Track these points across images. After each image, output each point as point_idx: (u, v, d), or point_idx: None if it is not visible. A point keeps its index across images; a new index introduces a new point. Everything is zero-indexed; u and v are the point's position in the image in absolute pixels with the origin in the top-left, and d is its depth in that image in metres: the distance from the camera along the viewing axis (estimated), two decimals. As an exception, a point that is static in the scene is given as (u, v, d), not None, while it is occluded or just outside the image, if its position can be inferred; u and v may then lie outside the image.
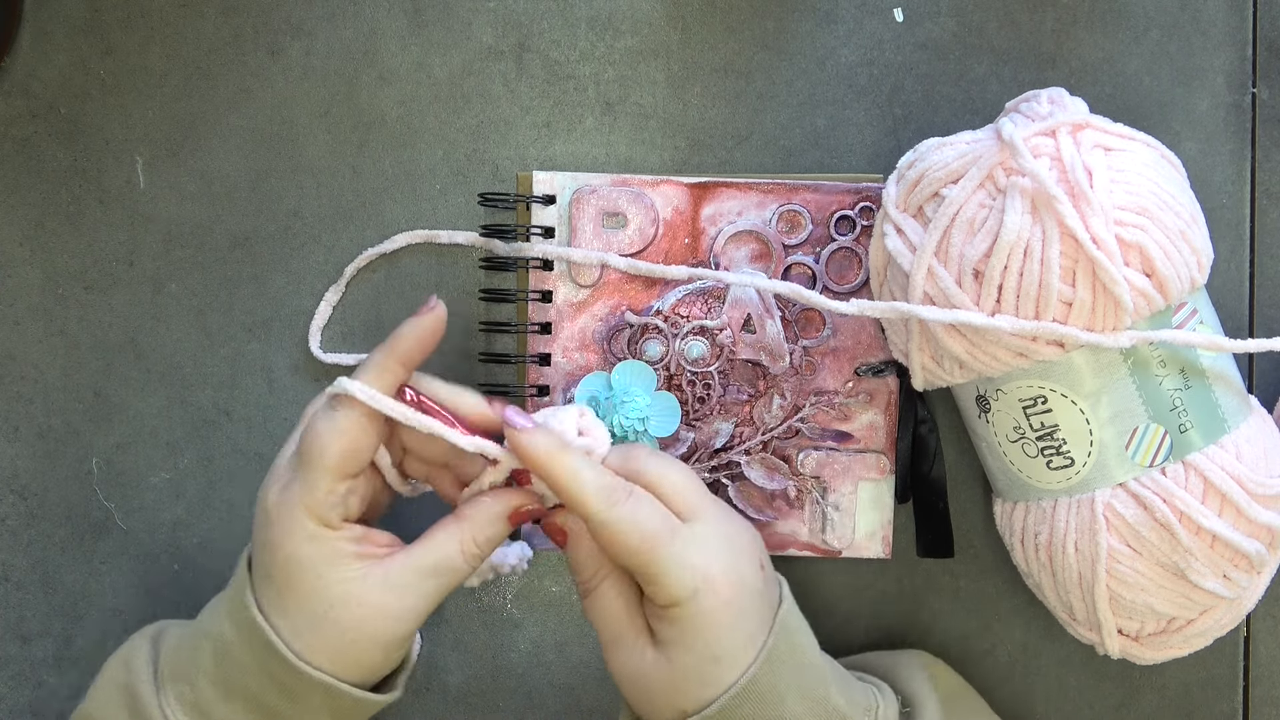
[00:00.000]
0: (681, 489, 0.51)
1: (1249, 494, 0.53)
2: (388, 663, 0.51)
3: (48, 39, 0.61)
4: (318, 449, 0.49)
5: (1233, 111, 0.62)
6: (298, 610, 0.49)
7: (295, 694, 0.49)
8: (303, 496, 0.49)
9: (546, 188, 0.61)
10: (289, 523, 0.49)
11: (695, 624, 0.48)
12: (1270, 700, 0.63)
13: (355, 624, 0.49)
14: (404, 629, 0.50)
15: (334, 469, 0.49)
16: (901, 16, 0.62)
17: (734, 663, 0.49)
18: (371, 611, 0.49)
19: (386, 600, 0.49)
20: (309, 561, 0.49)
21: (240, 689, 0.50)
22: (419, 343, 0.51)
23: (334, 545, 0.49)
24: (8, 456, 0.62)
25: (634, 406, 0.59)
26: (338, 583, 0.49)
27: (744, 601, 0.49)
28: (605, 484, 0.49)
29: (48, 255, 0.62)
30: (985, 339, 0.52)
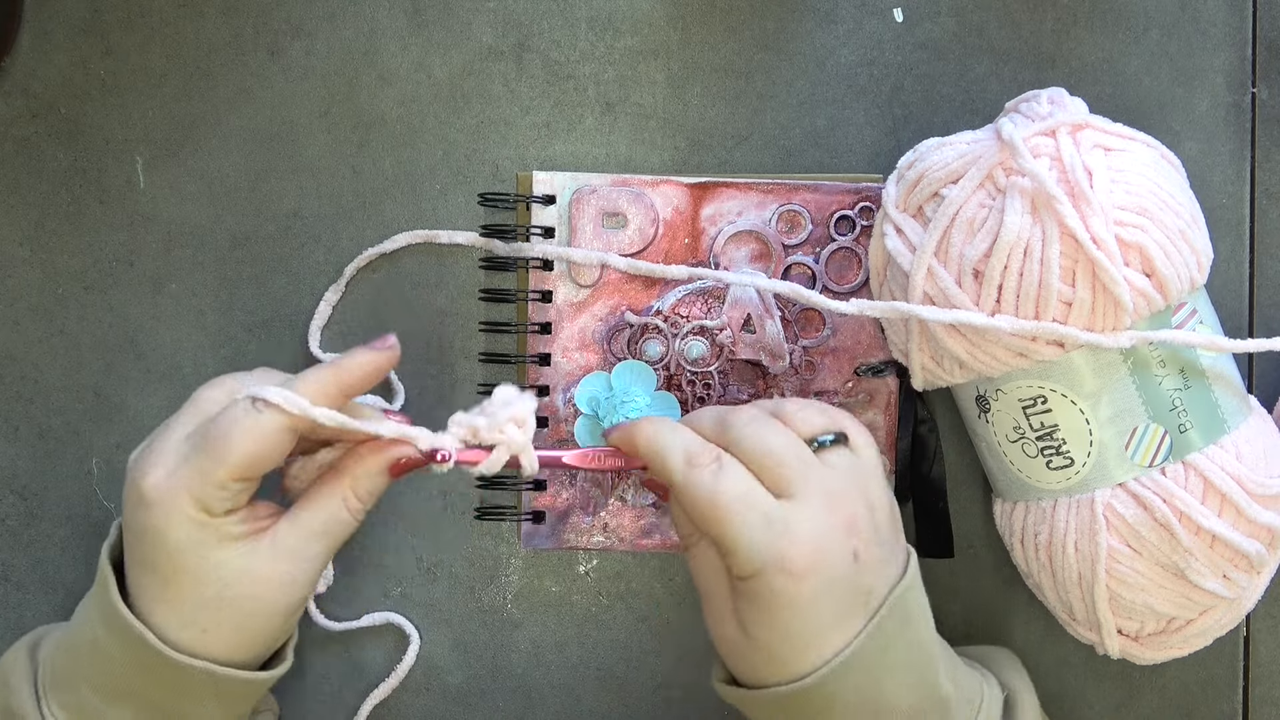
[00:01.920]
0: (780, 461, 0.48)
1: (1249, 494, 0.53)
2: (286, 630, 0.50)
3: (48, 39, 0.61)
4: (227, 446, 0.47)
5: (1232, 111, 0.62)
6: (187, 598, 0.48)
7: (179, 686, 0.48)
8: (192, 485, 0.47)
9: (546, 188, 0.61)
10: (173, 508, 0.47)
11: (767, 602, 0.47)
12: (1270, 700, 0.63)
13: (251, 599, 0.48)
14: (299, 593, 0.49)
15: (238, 468, 0.47)
16: (901, 16, 0.62)
17: (814, 645, 0.47)
18: (265, 584, 0.48)
19: (279, 569, 0.48)
20: (195, 547, 0.47)
21: (123, 690, 0.49)
22: (364, 376, 0.49)
23: (219, 528, 0.48)
24: (8, 456, 0.62)
25: (634, 406, 0.59)
26: (226, 562, 0.48)
27: (823, 583, 0.47)
28: (690, 448, 0.49)
29: (48, 255, 0.62)
30: (985, 339, 0.52)
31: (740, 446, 0.49)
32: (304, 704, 0.62)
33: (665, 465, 0.49)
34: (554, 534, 0.61)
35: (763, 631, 0.48)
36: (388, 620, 0.61)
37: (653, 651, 0.62)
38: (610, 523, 0.61)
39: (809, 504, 0.48)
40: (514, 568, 0.62)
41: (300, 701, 0.62)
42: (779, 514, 0.48)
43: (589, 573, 0.62)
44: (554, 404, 0.61)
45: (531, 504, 0.61)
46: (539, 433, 0.61)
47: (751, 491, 0.48)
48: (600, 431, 0.60)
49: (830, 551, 0.48)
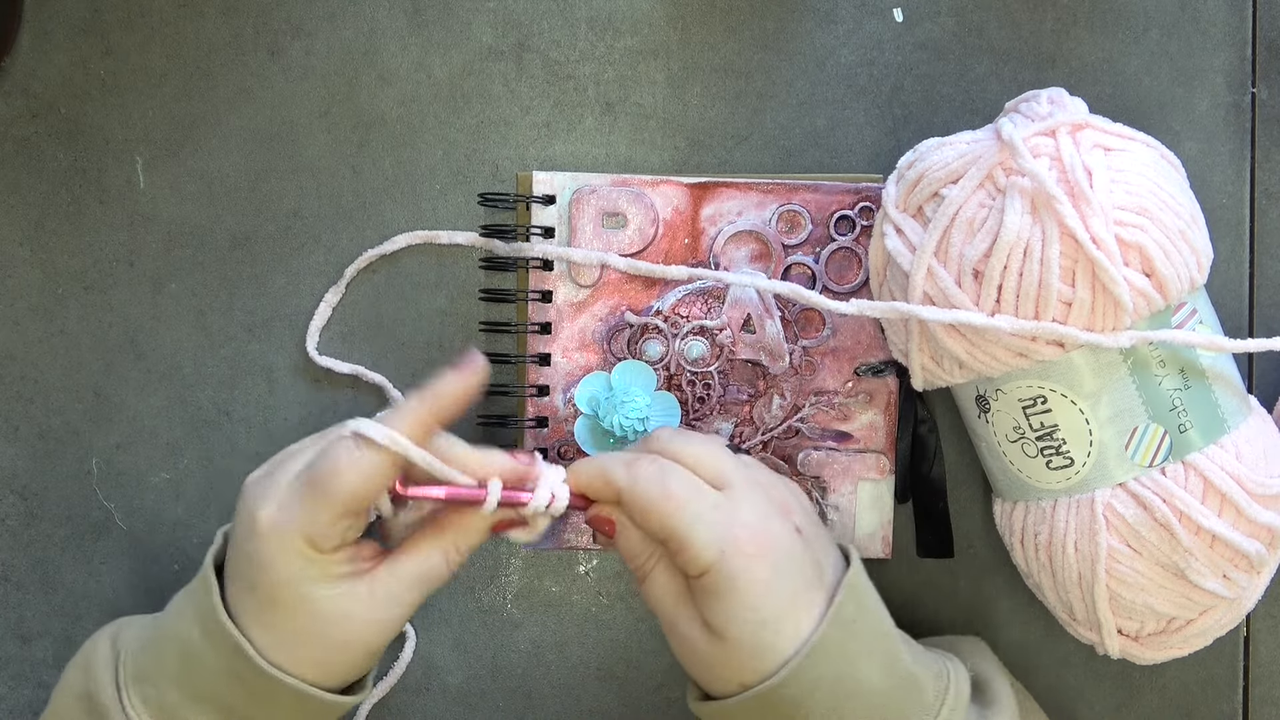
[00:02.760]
0: (705, 460, 0.51)
1: (1249, 494, 0.53)
2: (368, 665, 0.52)
3: (48, 39, 0.61)
4: (335, 485, 0.48)
5: (1232, 111, 0.62)
6: (284, 626, 0.49)
7: (266, 699, 0.49)
8: (304, 524, 0.48)
9: (546, 188, 0.61)
10: (283, 544, 0.48)
11: (731, 587, 0.48)
12: (1270, 700, 0.63)
13: (343, 637, 0.49)
14: (388, 637, 0.50)
15: (345, 506, 0.48)
16: (901, 16, 0.62)
17: (785, 626, 0.48)
18: (358, 625, 0.49)
19: (374, 613, 0.49)
20: (299, 582, 0.49)
21: (209, 694, 0.49)
22: (456, 400, 0.50)
23: (326, 567, 0.49)
24: (8, 456, 0.62)
25: (634, 406, 0.59)
26: (326, 599, 0.49)
27: (778, 559, 0.49)
28: (627, 458, 0.51)
29: (48, 255, 0.62)
30: (985, 339, 0.52)
31: (670, 452, 0.51)
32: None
33: (607, 477, 0.50)
34: (554, 534, 0.61)
35: (733, 625, 0.48)
36: None
37: (653, 651, 0.62)
38: (610, 523, 0.61)
39: (745, 491, 0.50)
40: (514, 568, 0.62)
41: (300, 701, 0.62)
42: (724, 501, 0.50)
43: (589, 573, 0.62)
44: (554, 404, 0.61)
45: (531, 504, 0.61)
46: (539, 433, 0.61)
47: (696, 483, 0.50)
48: (600, 431, 0.60)
49: (775, 530, 0.49)
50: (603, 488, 0.51)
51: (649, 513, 0.49)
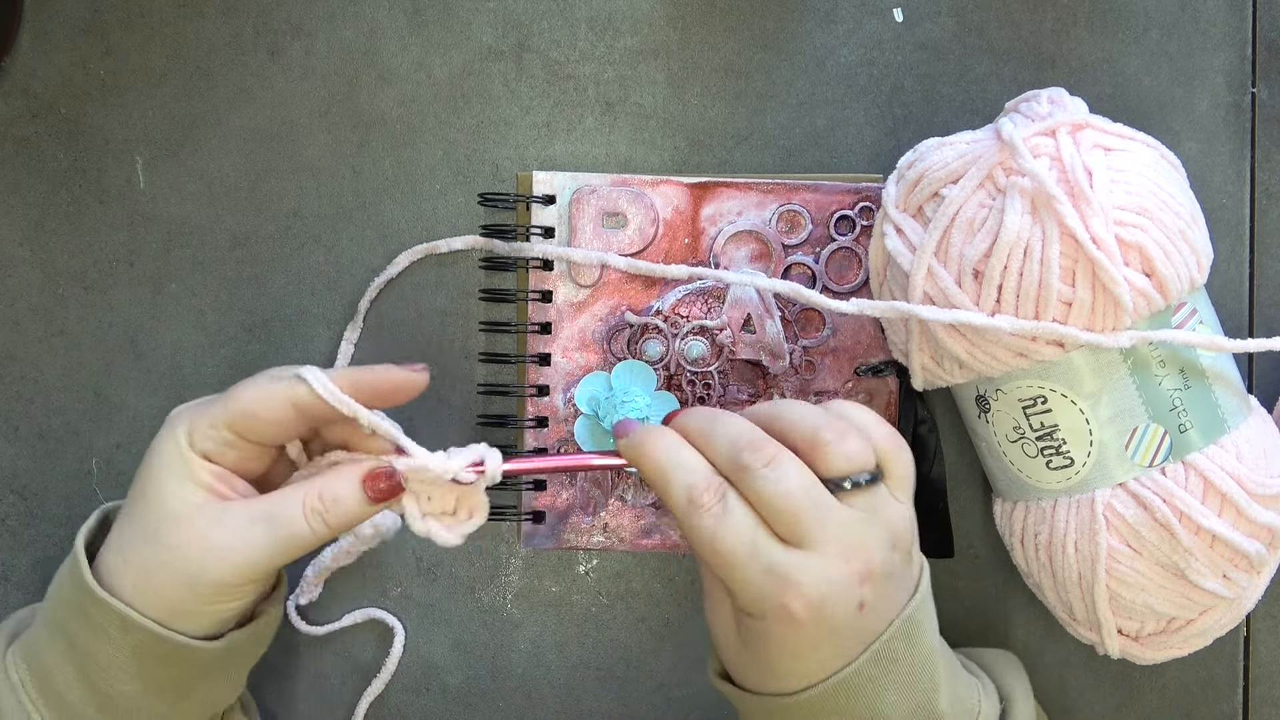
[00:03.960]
0: (795, 511, 0.45)
1: (1249, 494, 0.53)
2: (194, 602, 0.48)
3: (48, 39, 0.61)
4: (235, 394, 0.48)
5: (1232, 111, 0.62)
6: (137, 519, 0.49)
7: (95, 623, 0.48)
8: (193, 415, 0.48)
9: (546, 188, 0.61)
10: (167, 431, 0.49)
11: (764, 641, 0.46)
12: (1270, 700, 0.63)
13: (173, 546, 0.48)
14: (217, 570, 0.47)
15: (232, 413, 0.48)
16: (901, 16, 0.62)
17: (800, 677, 0.46)
18: (191, 538, 0.47)
19: (210, 532, 0.47)
20: (163, 473, 0.48)
21: (59, 623, 0.49)
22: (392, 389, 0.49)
23: (193, 467, 0.48)
24: (8, 456, 0.62)
25: (634, 406, 0.59)
26: (176, 498, 0.48)
27: (823, 635, 0.46)
28: (694, 484, 0.47)
29: (48, 255, 0.62)
30: (985, 339, 0.52)
31: (750, 488, 0.46)
32: (303, 704, 0.62)
33: (668, 497, 0.47)
34: (554, 534, 0.61)
35: (756, 659, 0.47)
36: (370, 616, 0.61)
37: (653, 651, 0.62)
38: (610, 523, 0.61)
39: (821, 556, 0.45)
40: (514, 568, 0.62)
41: (299, 702, 0.62)
42: (783, 566, 0.45)
43: (589, 573, 0.62)
44: (554, 404, 0.61)
45: (532, 504, 0.61)
46: (539, 433, 0.61)
47: (754, 542, 0.45)
48: (600, 432, 0.60)
49: (836, 604, 0.45)
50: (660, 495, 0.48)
51: (698, 550, 0.47)
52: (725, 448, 0.47)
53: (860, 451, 0.47)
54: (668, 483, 0.47)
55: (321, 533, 0.48)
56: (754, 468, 0.46)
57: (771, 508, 0.46)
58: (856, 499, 0.47)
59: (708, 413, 0.49)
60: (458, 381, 0.62)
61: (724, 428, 0.48)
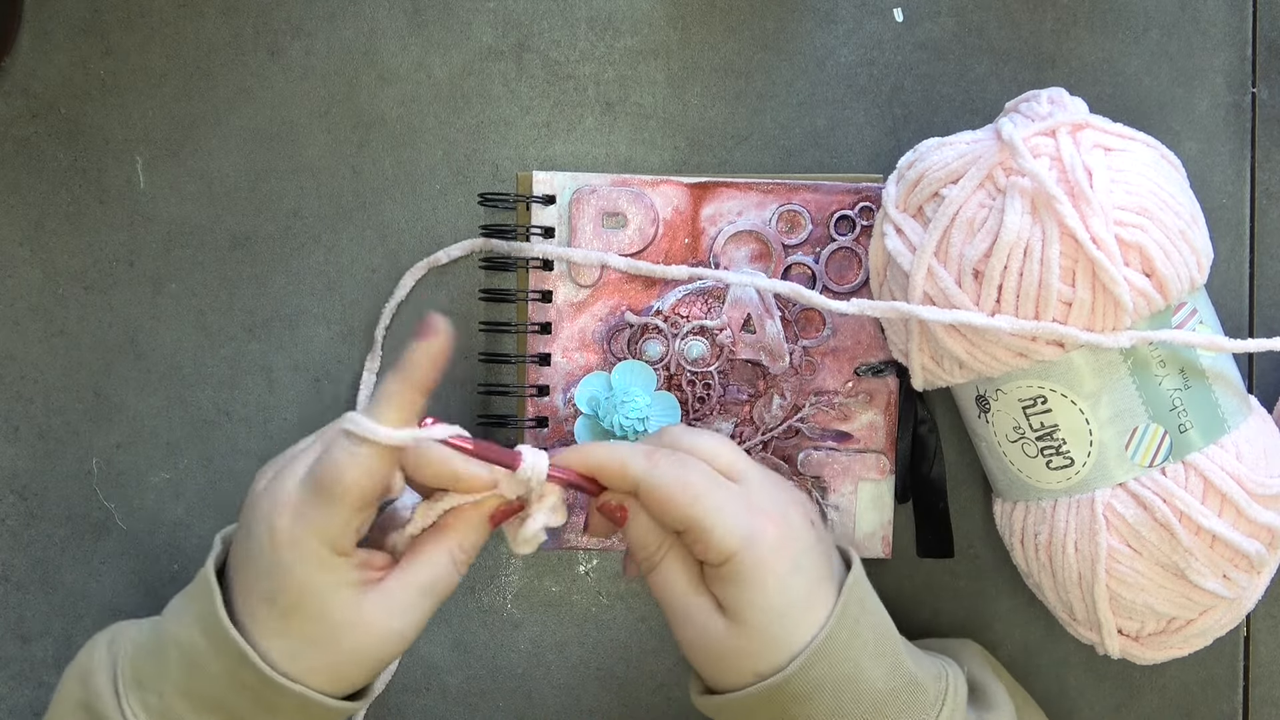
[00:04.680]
0: (720, 454, 0.51)
1: (1249, 494, 0.53)
2: (376, 674, 0.51)
3: (48, 39, 0.61)
4: (341, 485, 0.47)
5: (1233, 111, 0.62)
6: (299, 633, 0.49)
7: (270, 706, 0.49)
8: (321, 529, 0.48)
9: (546, 188, 0.61)
10: (304, 551, 0.48)
11: (753, 576, 0.49)
12: (1270, 700, 0.63)
13: (357, 647, 0.49)
14: (402, 646, 0.50)
15: (355, 503, 0.48)
16: (901, 16, 0.62)
17: (802, 618, 0.49)
18: (374, 634, 0.49)
19: (389, 623, 0.49)
20: (318, 589, 0.48)
21: (211, 700, 0.49)
22: (431, 367, 0.50)
23: (342, 574, 0.49)
24: (8, 456, 0.62)
25: (634, 406, 0.59)
26: (341, 608, 0.48)
27: (797, 549, 0.50)
28: (644, 449, 0.51)
29: (48, 255, 0.62)
30: (985, 339, 0.52)
31: (683, 447, 0.51)
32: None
33: (626, 466, 0.50)
34: (554, 534, 0.61)
35: (755, 614, 0.49)
36: None
37: (653, 651, 0.62)
38: (610, 523, 0.61)
39: (761, 484, 0.51)
40: (514, 568, 0.62)
41: (300, 701, 0.62)
42: (737, 491, 0.50)
43: (589, 573, 0.62)
44: (554, 404, 0.61)
45: (531, 504, 0.61)
46: (538, 433, 0.61)
47: (714, 475, 0.50)
48: (600, 432, 0.60)
49: (794, 520, 0.50)
50: (618, 475, 0.51)
51: (669, 503, 0.49)
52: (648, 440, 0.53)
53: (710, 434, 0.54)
54: (622, 458, 0.50)
55: (464, 572, 0.51)
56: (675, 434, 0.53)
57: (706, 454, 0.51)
58: None
59: None
60: (458, 382, 0.62)
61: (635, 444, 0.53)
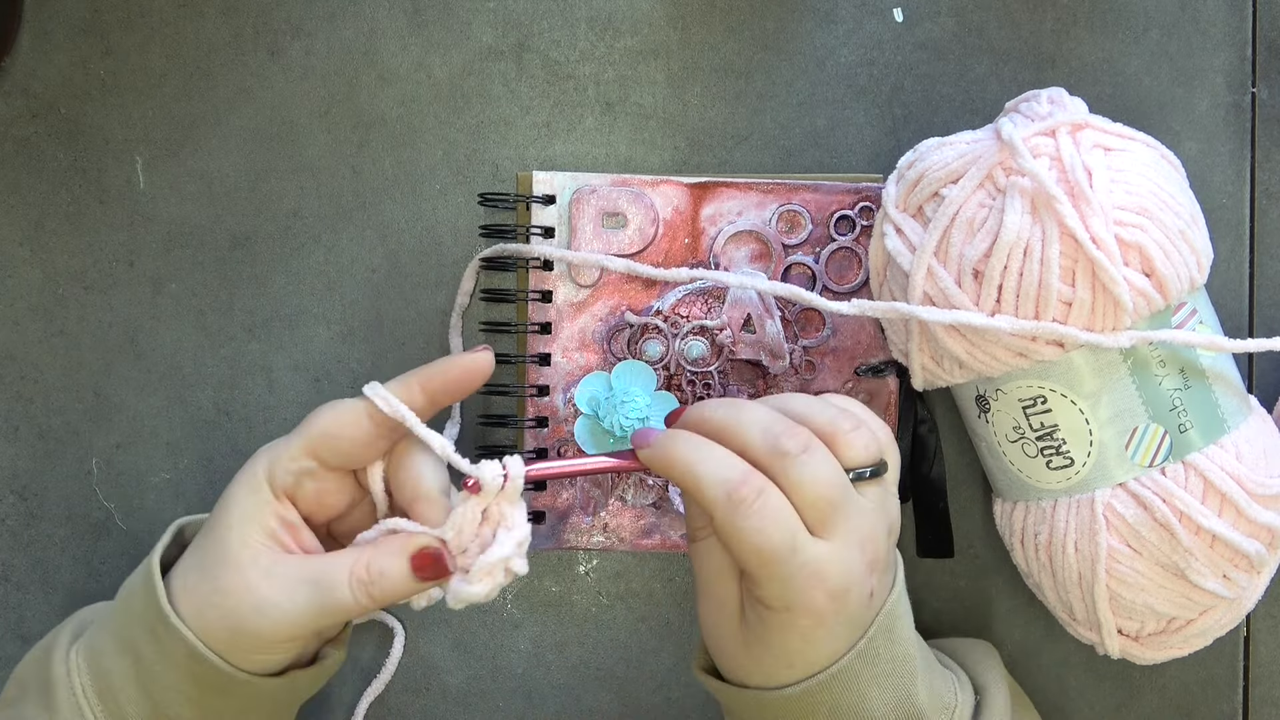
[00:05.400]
0: (824, 502, 0.46)
1: (1249, 494, 0.53)
2: (237, 648, 0.48)
3: (48, 39, 0.61)
4: (310, 420, 0.50)
5: (1232, 111, 0.62)
6: (202, 551, 0.49)
7: (164, 647, 0.48)
8: (275, 454, 0.50)
9: (546, 188, 0.61)
10: (249, 474, 0.50)
11: (782, 631, 0.47)
12: (1270, 700, 0.63)
13: (224, 590, 0.48)
14: (256, 624, 0.48)
15: (312, 439, 0.49)
16: (901, 16, 0.62)
17: (818, 656, 0.47)
18: (241, 586, 0.48)
19: (259, 584, 0.48)
20: (235, 512, 0.49)
21: (128, 639, 0.50)
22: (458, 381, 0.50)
23: (263, 511, 0.49)
24: (8, 456, 0.62)
25: (634, 406, 0.59)
26: (239, 541, 0.49)
27: (839, 624, 0.47)
28: (730, 480, 0.46)
29: (48, 255, 0.62)
30: (985, 339, 0.52)
31: (789, 478, 0.46)
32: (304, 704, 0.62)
33: (704, 498, 0.46)
34: (554, 534, 0.61)
35: (767, 653, 0.48)
36: (370, 617, 0.61)
37: (653, 651, 0.62)
38: (610, 523, 0.61)
39: (844, 546, 0.46)
40: (514, 568, 0.62)
41: (300, 701, 0.62)
42: (815, 557, 0.46)
43: (589, 573, 0.62)
44: (554, 404, 0.61)
45: (531, 504, 0.61)
46: (539, 433, 0.61)
47: (795, 535, 0.46)
48: (600, 431, 0.60)
49: (853, 594, 0.47)
50: (695, 498, 0.47)
51: (739, 552, 0.46)
52: (759, 434, 0.47)
53: (871, 443, 0.48)
54: (701, 484, 0.46)
55: (365, 604, 0.48)
56: (793, 453, 0.46)
57: (808, 497, 0.46)
58: (867, 490, 0.48)
59: (728, 402, 0.49)
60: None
61: (752, 414, 0.48)
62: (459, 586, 0.49)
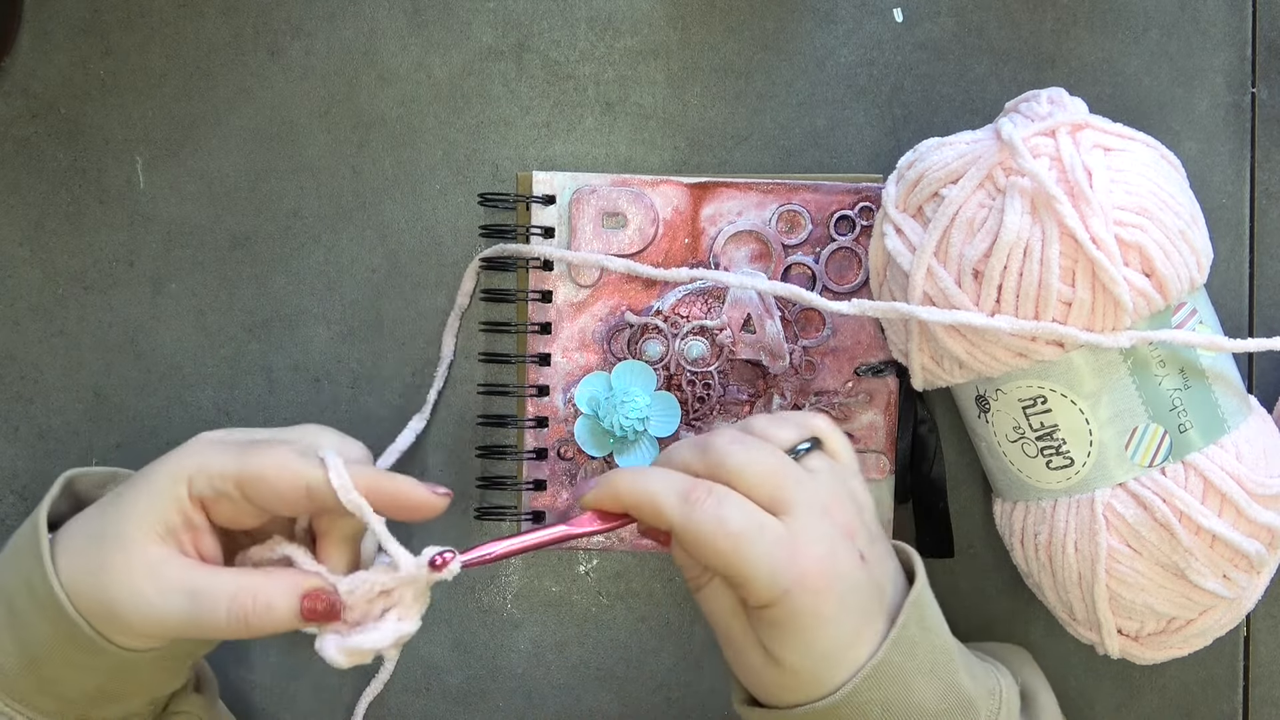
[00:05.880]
0: (766, 480, 0.47)
1: (1249, 494, 0.53)
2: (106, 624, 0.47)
3: (48, 39, 0.61)
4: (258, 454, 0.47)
5: (1232, 111, 0.62)
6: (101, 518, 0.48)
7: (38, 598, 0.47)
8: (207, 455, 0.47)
9: (546, 188, 0.61)
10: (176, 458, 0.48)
11: (794, 624, 0.46)
12: (1270, 700, 0.63)
13: (107, 566, 0.47)
14: (125, 613, 0.46)
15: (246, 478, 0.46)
16: (901, 16, 0.62)
17: (844, 657, 0.47)
18: (122, 569, 0.46)
19: (139, 575, 0.46)
20: (146, 493, 0.47)
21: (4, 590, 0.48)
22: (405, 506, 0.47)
23: (170, 507, 0.47)
24: (8, 456, 0.62)
25: (634, 406, 0.59)
26: (138, 524, 0.47)
27: (842, 592, 0.47)
28: (679, 487, 0.47)
29: (48, 255, 0.62)
30: (985, 339, 0.52)
31: (728, 470, 0.48)
32: (303, 704, 0.62)
33: (659, 510, 0.47)
34: (554, 534, 0.61)
35: (792, 655, 0.47)
36: None
37: (653, 651, 0.62)
38: (610, 523, 0.61)
39: (808, 517, 0.47)
40: (514, 568, 0.62)
41: (299, 702, 0.62)
42: (786, 533, 0.47)
43: (589, 573, 0.62)
44: (554, 404, 0.61)
45: (531, 504, 0.61)
46: (539, 433, 0.61)
47: (755, 515, 0.47)
48: (600, 431, 0.60)
49: (840, 560, 0.47)
50: (651, 515, 0.48)
51: (705, 551, 0.47)
52: (689, 452, 0.49)
53: (801, 424, 0.51)
54: (655, 498, 0.47)
55: (239, 631, 0.47)
56: (722, 450, 0.48)
57: (752, 484, 0.47)
58: (810, 461, 0.50)
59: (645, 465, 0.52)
60: (458, 381, 0.62)
61: (679, 447, 0.50)
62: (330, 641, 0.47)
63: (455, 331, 0.61)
